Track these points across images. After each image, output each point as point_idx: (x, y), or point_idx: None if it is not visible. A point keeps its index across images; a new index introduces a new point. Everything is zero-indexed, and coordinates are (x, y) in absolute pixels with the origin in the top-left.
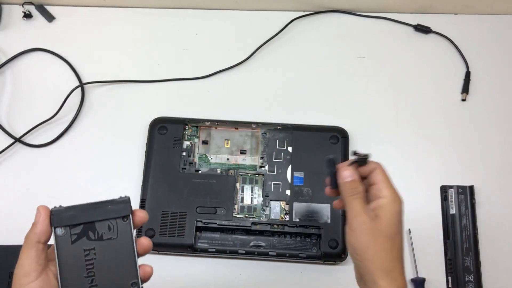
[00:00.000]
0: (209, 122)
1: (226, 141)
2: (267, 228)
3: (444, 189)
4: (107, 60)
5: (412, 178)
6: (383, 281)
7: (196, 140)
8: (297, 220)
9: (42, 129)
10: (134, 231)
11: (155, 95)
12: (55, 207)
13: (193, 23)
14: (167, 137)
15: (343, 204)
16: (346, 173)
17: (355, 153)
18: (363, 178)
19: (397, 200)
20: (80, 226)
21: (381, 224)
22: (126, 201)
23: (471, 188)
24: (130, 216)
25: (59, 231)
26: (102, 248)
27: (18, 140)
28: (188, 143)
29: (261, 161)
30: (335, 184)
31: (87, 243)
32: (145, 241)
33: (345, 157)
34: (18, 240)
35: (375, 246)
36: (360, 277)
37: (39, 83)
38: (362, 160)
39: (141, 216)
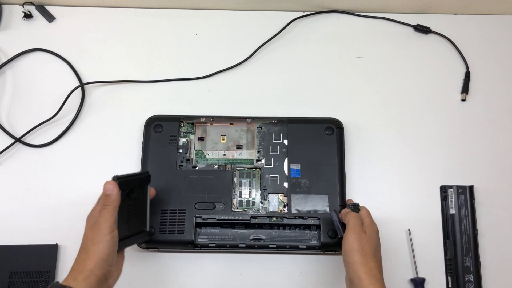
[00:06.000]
0: (204, 119)
1: (222, 136)
2: (266, 221)
3: (444, 189)
4: (107, 60)
5: (412, 178)
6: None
7: (192, 137)
8: (296, 211)
9: (42, 129)
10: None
11: (155, 96)
12: (114, 176)
13: (193, 23)
14: (163, 135)
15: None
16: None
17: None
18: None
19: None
20: (127, 190)
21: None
22: (148, 175)
23: (471, 188)
24: (148, 185)
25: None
26: (133, 204)
27: (18, 140)
28: (184, 140)
29: (257, 155)
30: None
31: (128, 201)
32: (151, 192)
33: (340, 147)
34: (18, 240)
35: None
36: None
37: (39, 83)
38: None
39: (152, 192)
